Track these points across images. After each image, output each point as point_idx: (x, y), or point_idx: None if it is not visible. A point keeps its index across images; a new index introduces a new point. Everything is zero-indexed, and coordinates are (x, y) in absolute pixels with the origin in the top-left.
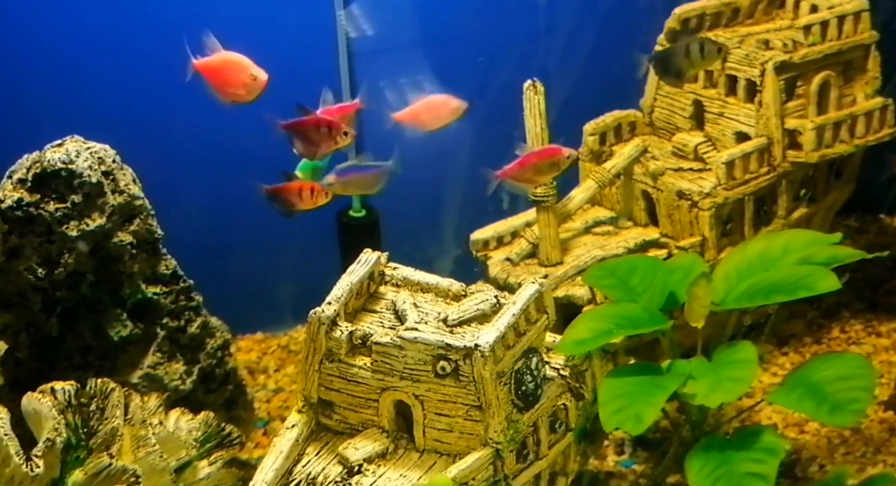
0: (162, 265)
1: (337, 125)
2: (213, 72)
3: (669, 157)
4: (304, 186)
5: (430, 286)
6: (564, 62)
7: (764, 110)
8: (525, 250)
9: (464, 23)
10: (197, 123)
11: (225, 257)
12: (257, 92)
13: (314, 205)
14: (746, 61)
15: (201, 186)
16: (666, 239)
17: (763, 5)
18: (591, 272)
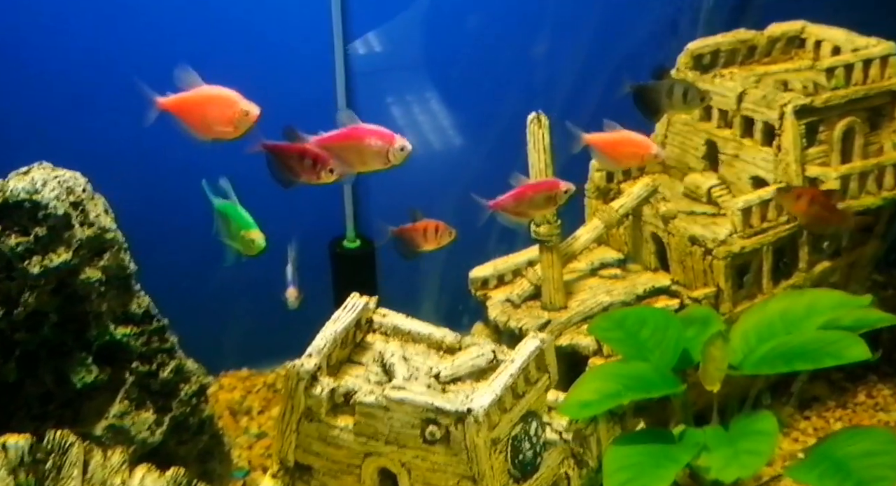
0: (134, 303)
1: (324, 159)
2: (194, 108)
3: (681, 198)
4: (429, 225)
5: (422, 337)
6: (571, 94)
7: (783, 155)
8: (527, 291)
9: (466, 51)
10: (178, 148)
11: (208, 289)
12: (247, 127)
13: (438, 245)
14: (764, 103)
15: (182, 214)
16: (678, 287)
17: (781, 44)
18: (598, 323)
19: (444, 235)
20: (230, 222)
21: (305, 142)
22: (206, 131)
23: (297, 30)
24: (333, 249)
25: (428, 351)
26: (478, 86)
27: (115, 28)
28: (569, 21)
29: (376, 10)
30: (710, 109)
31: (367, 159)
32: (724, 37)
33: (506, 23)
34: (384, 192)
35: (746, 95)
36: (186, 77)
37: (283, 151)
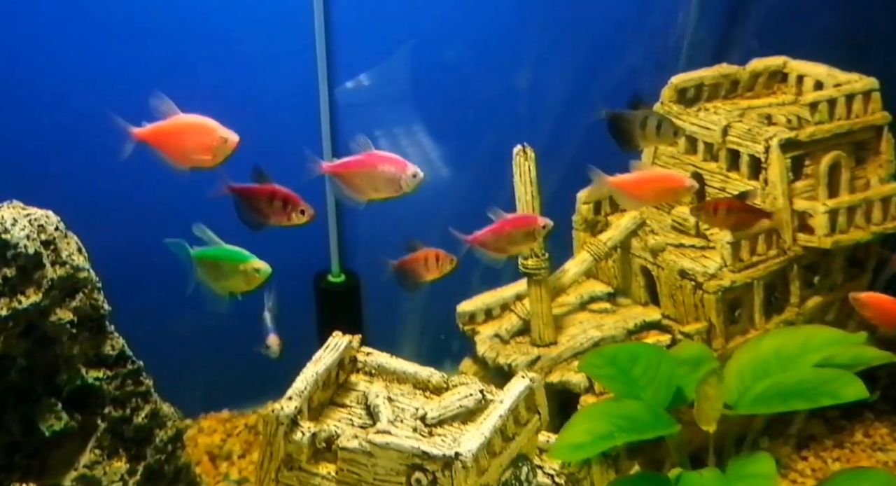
0: (107, 345)
1: (294, 200)
2: (171, 137)
3: (669, 231)
4: (429, 254)
5: (408, 376)
6: (555, 127)
7: (770, 189)
8: (515, 326)
9: (450, 83)
10: (155, 185)
11: (185, 328)
12: (225, 155)
13: (440, 273)
14: (749, 136)
15: (158, 252)
16: (669, 321)
17: (764, 79)
18: (589, 360)
19: (445, 263)
20: (220, 265)
21: (272, 182)
22: (184, 160)
23: (281, 64)
24: (318, 283)
25: (414, 391)
26: (461, 119)
27: (91, 62)
28: (552, 55)
29: (362, 47)
30: (695, 142)
31: (379, 186)
32: (707, 71)
33: (490, 56)
34: (369, 226)
35: (731, 129)
36: (162, 106)
37: (252, 193)
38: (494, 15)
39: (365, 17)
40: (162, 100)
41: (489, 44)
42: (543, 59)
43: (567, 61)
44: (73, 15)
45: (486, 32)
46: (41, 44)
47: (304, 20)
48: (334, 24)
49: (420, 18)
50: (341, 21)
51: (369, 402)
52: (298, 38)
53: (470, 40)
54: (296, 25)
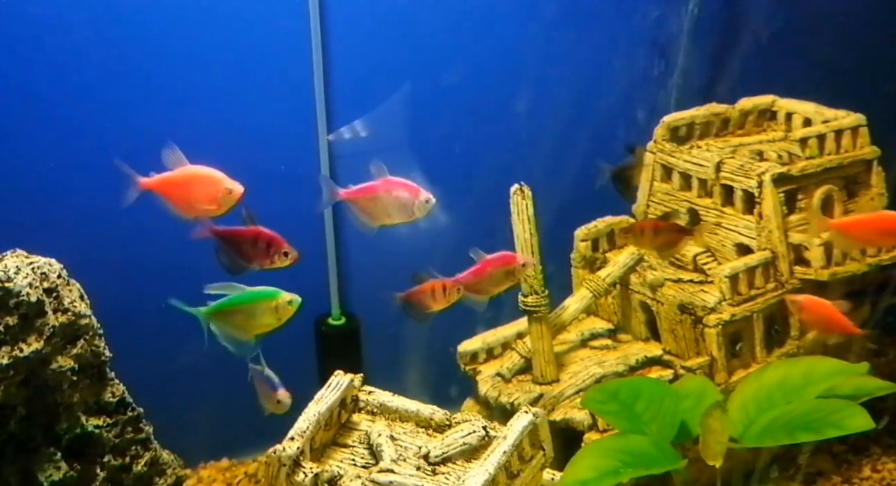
0: (107, 392)
1: (278, 243)
2: (178, 187)
3: (667, 266)
4: (435, 286)
5: (410, 414)
6: (554, 165)
7: (765, 223)
8: (517, 364)
9: (449, 125)
10: (157, 230)
11: (186, 375)
12: (230, 205)
13: (448, 303)
14: (742, 172)
15: (159, 297)
16: (670, 357)
17: (753, 117)
18: (591, 395)
19: (452, 293)
20: (250, 309)
21: (259, 225)
22: (190, 210)
23: (279, 107)
24: (318, 326)
25: (416, 430)
26: (457, 160)
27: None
28: (547, 97)
29: (358, 95)
30: (689, 178)
31: (392, 212)
32: (697, 110)
33: (486, 96)
34: (368, 269)
35: (724, 165)
36: (172, 156)
37: (236, 236)
38: (490, 56)
39: (362, 62)
40: (173, 151)
41: (487, 80)
42: (539, 101)
43: (562, 103)
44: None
45: (484, 71)
46: (43, 87)
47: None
48: (333, 76)
49: (417, 59)
50: (339, 68)
51: (372, 441)
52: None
53: (467, 77)
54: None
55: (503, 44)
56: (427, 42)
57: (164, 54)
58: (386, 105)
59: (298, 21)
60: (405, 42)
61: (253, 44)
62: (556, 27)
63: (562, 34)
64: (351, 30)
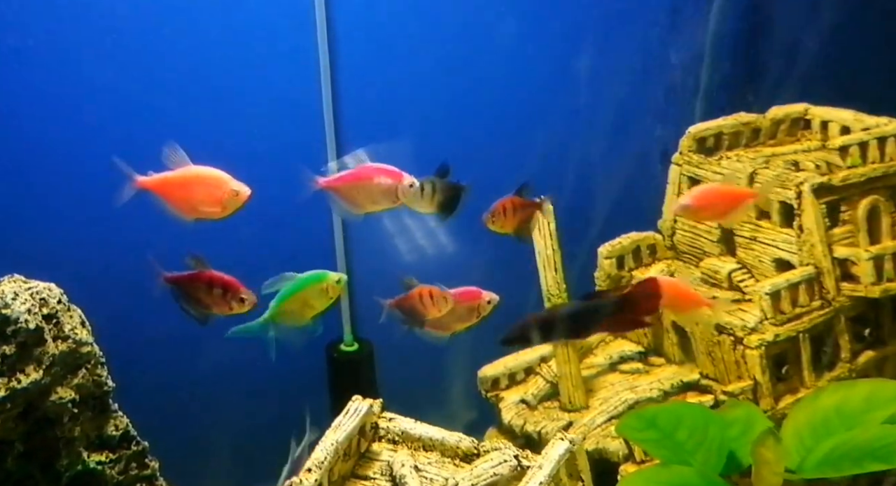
0: (110, 425)
1: (234, 288)
2: (179, 188)
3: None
4: (423, 291)
5: (435, 443)
6: (576, 180)
7: (807, 236)
8: (543, 390)
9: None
10: (163, 249)
11: (195, 406)
12: (235, 208)
13: (439, 311)
14: (778, 182)
15: (164, 325)
16: (708, 381)
17: (786, 126)
18: (627, 422)
19: (440, 301)
20: (303, 297)
21: (210, 268)
22: (191, 212)
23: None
24: (330, 353)
25: (442, 460)
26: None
27: (93, 121)
28: (567, 107)
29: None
30: None
31: (376, 198)
32: (725, 120)
33: (504, 106)
34: (381, 292)
35: (758, 176)
36: (174, 156)
37: (190, 283)
38: (506, 62)
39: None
40: (175, 150)
41: (501, 91)
42: (557, 112)
43: (582, 114)
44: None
45: (498, 79)
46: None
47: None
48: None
49: (425, 71)
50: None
51: (395, 472)
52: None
53: (481, 86)
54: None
55: (518, 57)
56: (439, 52)
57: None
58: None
59: (304, 33)
60: (420, 51)
61: (258, 55)
62: (575, 41)
63: (581, 47)
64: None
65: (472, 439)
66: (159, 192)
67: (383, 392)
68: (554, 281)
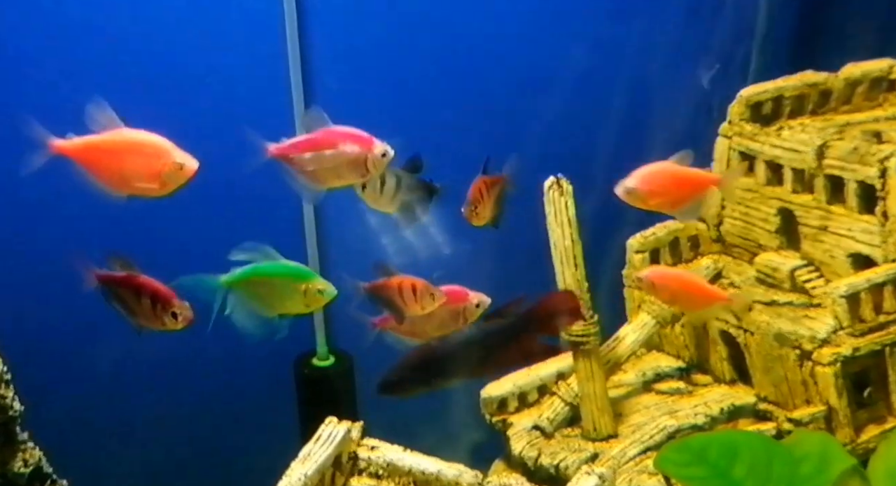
0: (17, 460)
1: (166, 299)
2: (107, 155)
3: (754, 284)
4: (404, 283)
5: (429, 478)
6: (605, 154)
7: (892, 225)
8: (560, 413)
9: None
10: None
11: (128, 435)
12: (178, 184)
13: (422, 309)
14: (856, 157)
15: (89, 327)
16: (767, 405)
17: (864, 88)
18: (668, 455)
19: (425, 298)
20: (273, 284)
21: (137, 270)
22: (123, 186)
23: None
24: (300, 369)
25: None
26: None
27: None
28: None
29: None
30: (780, 168)
31: (341, 171)
32: (787, 80)
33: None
34: (361, 296)
35: (829, 149)
36: (100, 116)
37: (122, 286)
38: (534, 26)
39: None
40: (102, 108)
41: (523, 54)
42: (591, 72)
43: (620, 72)
44: None
45: (524, 40)
46: None
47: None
48: None
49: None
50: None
51: None
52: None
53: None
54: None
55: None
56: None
57: None
58: None
59: None
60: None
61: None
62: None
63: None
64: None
65: (475, 473)
66: (81, 160)
67: (364, 416)
68: (573, 279)
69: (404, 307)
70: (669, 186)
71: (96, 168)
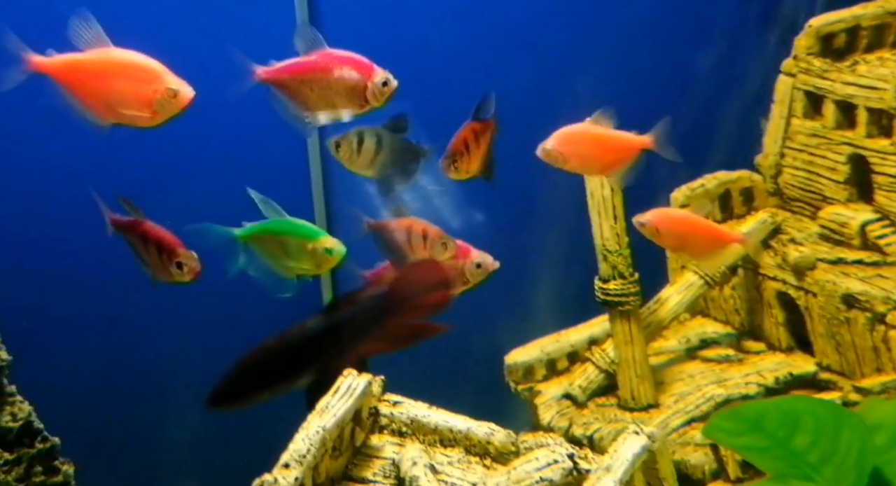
0: (5, 414)
1: (170, 247)
2: (92, 77)
3: (817, 241)
4: (414, 225)
5: (457, 436)
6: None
7: None
8: (594, 381)
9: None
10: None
11: (121, 392)
12: (171, 113)
13: (431, 256)
14: None
15: (84, 275)
16: (830, 374)
17: None
18: (719, 423)
19: (436, 247)
20: (283, 242)
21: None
22: (108, 113)
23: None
24: None
25: (467, 459)
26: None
27: None
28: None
29: None
30: (853, 109)
31: (337, 99)
32: (864, 7)
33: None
34: (370, 256)
35: None
36: (84, 31)
37: (127, 231)
38: None
39: None
40: (87, 22)
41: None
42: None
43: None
44: None
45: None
46: None
47: None
48: None
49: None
50: None
51: (403, 473)
52: None
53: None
54: None
55: None
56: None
57: None
58: None
59: None
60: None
61: None
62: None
63: None
64: None
65: (507, 431)
66: (62, 80)
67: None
68: (612, 232)
69: (410, 253)
70: (590, 149)
71: (80, 91)
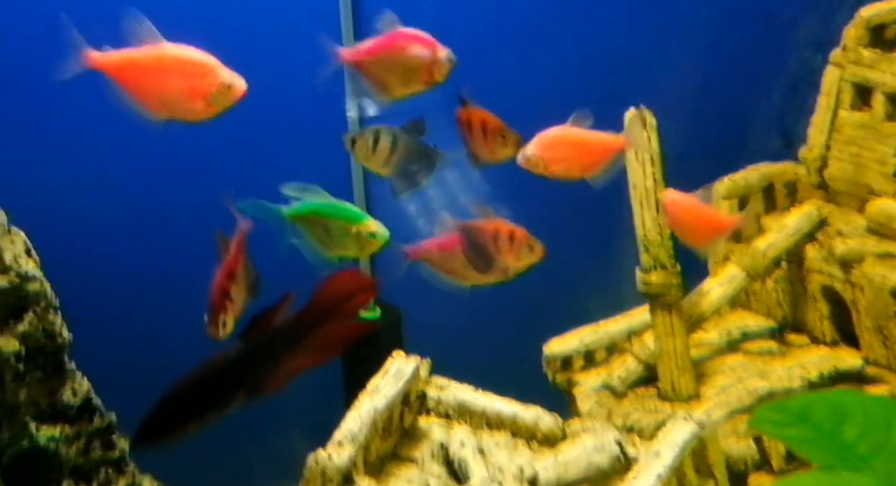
0: (66, 390)
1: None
2: (147, 73)
3: (864, 235)
4: (501, 228)
5: (504, 419)
6: (693, 88)
7: None
8: (634, 372)
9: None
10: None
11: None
12: (225, 106)
13: (518, 261)
14: None
15: (138, 259)
16: (877, 369)
17: None
18: (765, 415)
19: (522, 248)
20: (326, 225)
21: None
22: (163, 108)
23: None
24: None
25: (514, 441)
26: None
27: None
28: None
29: None
30: None
31: (409, 76)
32: None
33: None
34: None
35: None
36: (139, 30)
37: None
38: None
39: None
40: (140, 21)
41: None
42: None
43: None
44: None
45: None
46: None
47: None
48: None
49: None
50: None
51: (451, 455)
52: None
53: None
54: None
55: None
56: None
57: None
58: None
59: None
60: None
61: None
62: None
63: None
64: None
65: (554, 415)
66: (117, 77)
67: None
68: (654, 224)
69: (497, 256)
70: (571, 152)
71: (134, 87)
